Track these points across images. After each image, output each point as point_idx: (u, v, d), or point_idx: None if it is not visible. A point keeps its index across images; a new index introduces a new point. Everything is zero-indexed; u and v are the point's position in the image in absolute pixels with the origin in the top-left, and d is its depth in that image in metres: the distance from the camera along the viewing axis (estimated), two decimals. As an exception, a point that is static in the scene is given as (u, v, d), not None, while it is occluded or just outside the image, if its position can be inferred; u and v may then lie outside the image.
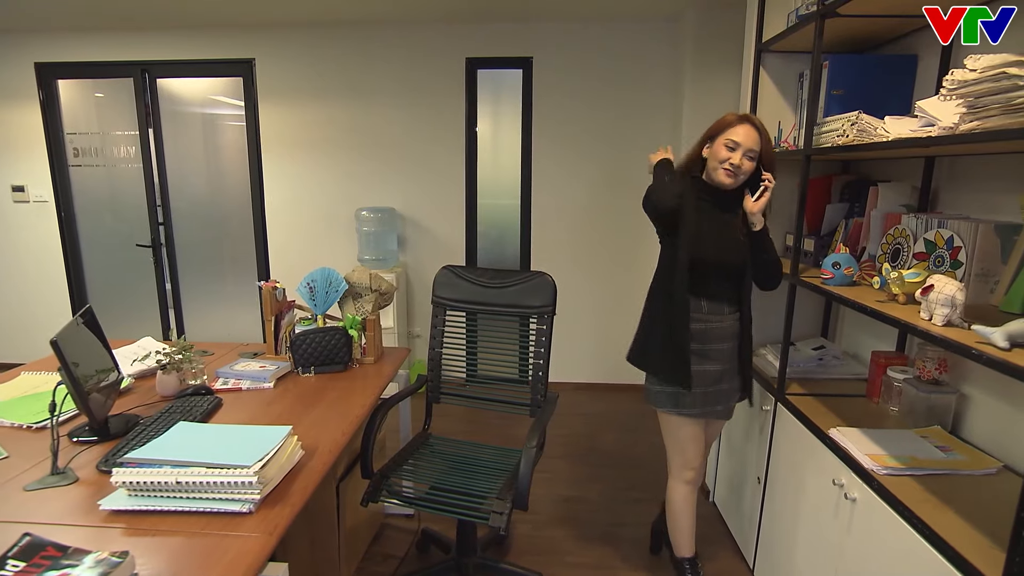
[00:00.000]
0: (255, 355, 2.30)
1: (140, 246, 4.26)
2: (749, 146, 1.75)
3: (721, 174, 1.78)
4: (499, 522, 1.71)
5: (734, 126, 1.77)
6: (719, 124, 1.81)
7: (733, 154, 1.75)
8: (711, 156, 1.81)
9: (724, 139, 1.77)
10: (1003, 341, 1.12)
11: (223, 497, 1.24)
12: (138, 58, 3.97)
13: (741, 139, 1.74)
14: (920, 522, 1.27)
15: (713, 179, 1.81)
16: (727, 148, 1.76)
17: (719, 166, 1.78)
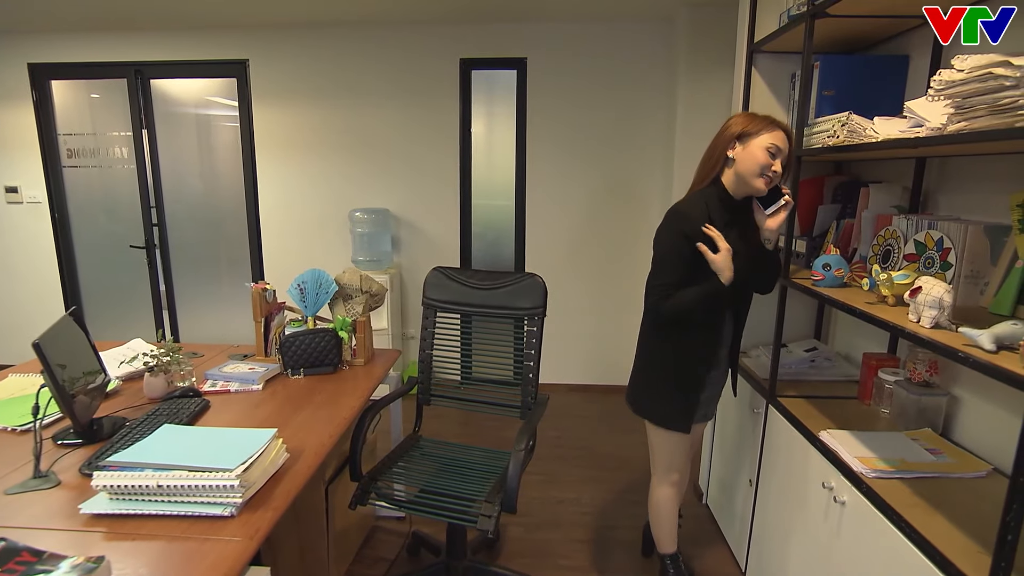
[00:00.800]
0: (245, 357, 2.29)
1: (134, 247, 4.25)
2: (786, 152, 1.63)
3: (761, 183, 1.63)
4: (487, 525, 1.70)
5: (772, 129, 1.62)
6: (752, 121, 1.65)
7: (775, 161, 1.61)
8: (745, 159, 1.64)
9: (766, 143, 1.61)
10: (990, 344, 1.11)
11: (205, 501, 1.23)
12: (132, 59, 3.96)
13: (782, 144, 1.62)
14: (908, 526, 1.26)
15: (747, 185, 1.66)
16: (769, 153, 1.61)
17: (759, 173, 1.62)
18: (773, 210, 1.66)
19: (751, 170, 1.63)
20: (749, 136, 1.63)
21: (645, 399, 1.89)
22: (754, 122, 1.64)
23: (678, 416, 1.83)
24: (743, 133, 1.64)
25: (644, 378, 1.89)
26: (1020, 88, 1.05)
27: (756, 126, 1.63)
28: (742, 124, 1.65)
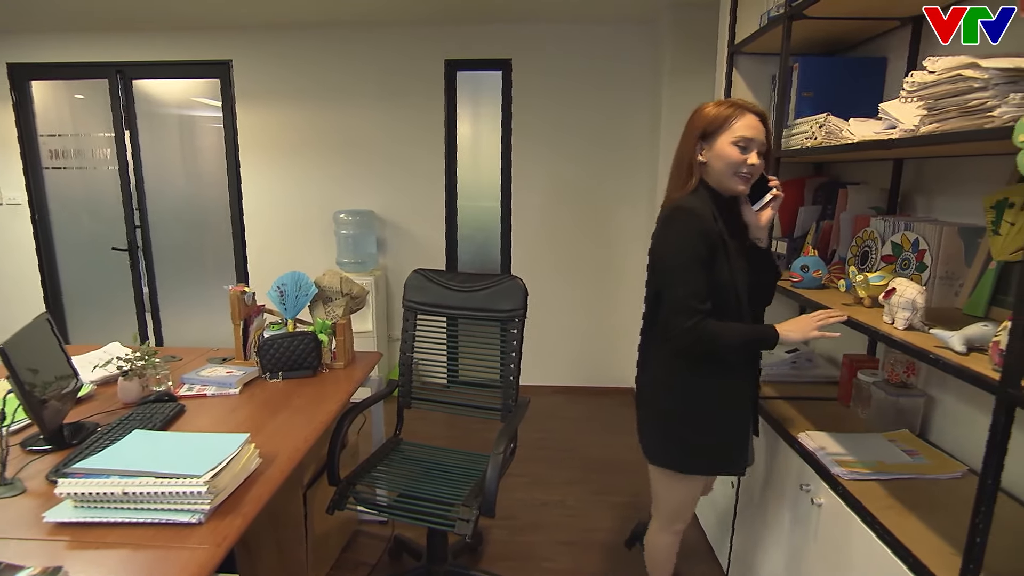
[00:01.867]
0: (224, 360, 2.26)
1: (116, 249, 4.20)
2: (761, 139, 1.42)
3: (738, 183, 1.44)
4: (465, 530, 1.68)
5: (736, 118, 1.40)
6: (712, 117, 1.43)
7: (748, 155, 1.41)
8: (716, 160, 1.43)
9: (731, 136, 1.40)
10: (960, 345, 1.11)
11: (172, 508, 1.21)
12: (113, 59, 3.91)
13: (752, 133, 1.40)
14: (882, 528, 1.26)
15: (724, 188, 1.47)
16: (739, 148, 1.40)
17: (732, 173, 1.43)
18: (761, 205, 1.48)
19: (723, 172, 1.43)
20: (712, 135, 1.43)
21: (661, 442, 1.60)
22: (716, 116, 1.42)
23: (697, 458, 1.57)
24: (705, 133, 1.44)
25: (663, 417, 1.58)
26: (988, 90, 1.05)
27: (718, 120, 1.41)
28: (703, 123, 1.44)
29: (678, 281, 1.41)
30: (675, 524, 1.73)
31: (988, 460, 0.96)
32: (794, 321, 1.46)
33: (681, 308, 1.40)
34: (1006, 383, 0.93)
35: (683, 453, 1.57)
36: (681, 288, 1.40)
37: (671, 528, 1.73)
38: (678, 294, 1.41)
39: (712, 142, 1.44)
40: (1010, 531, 1.23)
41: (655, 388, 1.59)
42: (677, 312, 1.41)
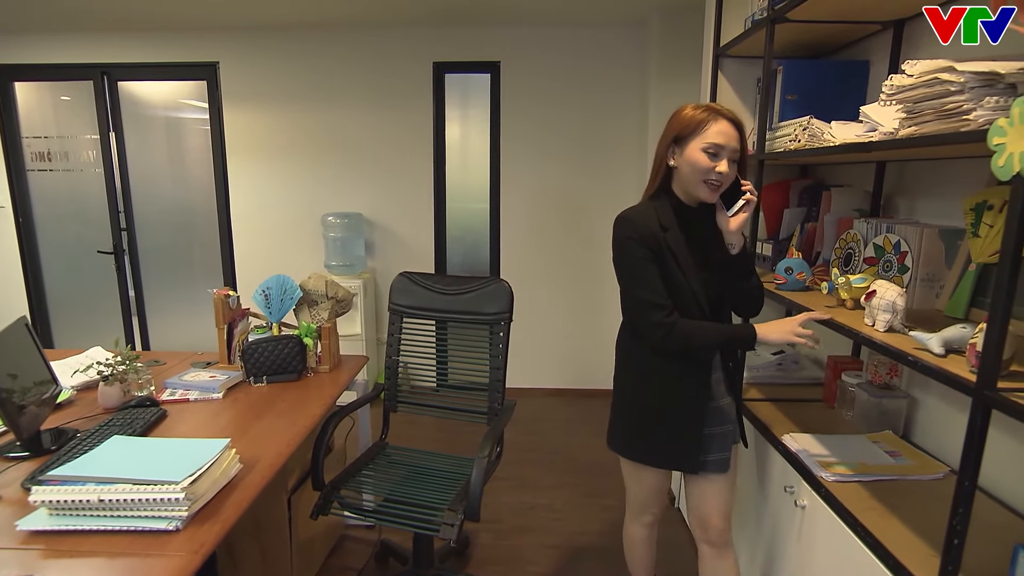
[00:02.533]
0: (208, 364, 2.24)
1: (101, 252, 4.16)
2: (733, 146, 1.39)
3: (704, 190, 1.41)
4: (449, 534, 1.67)
5: (708, 124, 1.38)
6: (686, 122, 1.40)
7: (718, 162, 1.38)
8: (685, 165, 1.42)
9: (701, 143, 1.38)
10: (938, 347, 1.12)
11: (148, 515, 1.19)
12: (98, 60, 3.88)
13: (724, 140, 1.37)
14: (863, 530, 1.27)
15: (691, 195, 1.46)
16: (708, 155, 1.38)
17: (700, 180, 1.40)
18: (735, 210, 1.44)
19: (690, 179, 1.42)
20: (684, 140, 1.41)
21: (615, 429, 1.65)
22: (690, 120, 1.40)
23: (648, 450, 1.58)
24: (678, 137, 1.42)
25: (617, 406, 1.65)
26: (964, 93, 1.05)
27: (691, 125, 1.39)
28: (676, 127, 1.42)
29: (633, 284, 1.46)
30: (643, 515, 1.75)
31: (965, 462, 0.96)
32: (775, 322, 1.46)
33: (645, 306, 1.44)
34: (982, 385, 0.94)
35: (631, 442, 1.61)
36: (639, 289, 1.45)
37: (639, 519, 1.76)
38: (638, 295, 1.46)
39: (684, 146, 1.42)
40: (991, 531, 1.24)
41: (615, 378, 1.66)
42: (642, 311, 1.45)
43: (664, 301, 1.43)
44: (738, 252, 1.49)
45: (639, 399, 1.58)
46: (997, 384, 0.93)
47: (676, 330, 1.41)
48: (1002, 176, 0.90)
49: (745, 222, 1.46)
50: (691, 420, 1.52)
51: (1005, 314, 0.90)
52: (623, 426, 1.63)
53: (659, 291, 1.43)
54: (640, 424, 1.58)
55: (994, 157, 0.91)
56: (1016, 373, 1.01)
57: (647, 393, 1.56)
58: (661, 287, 1.43)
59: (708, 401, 1.53)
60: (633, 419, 1.60)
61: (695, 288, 1.46)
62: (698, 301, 1.46)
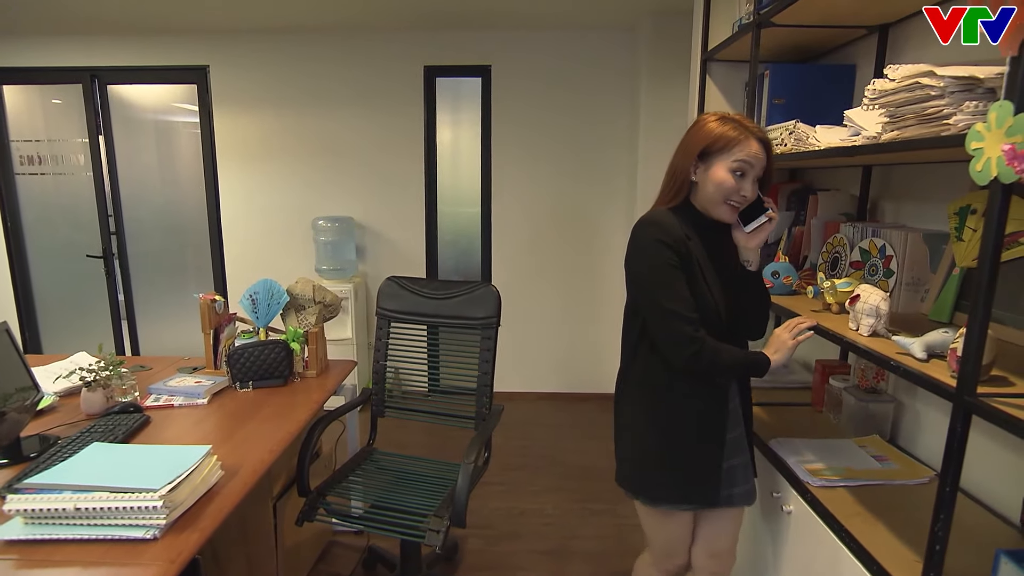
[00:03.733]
0: (195, 370, 2.23)
1: (91, 257, 4.13)
2: (759, 169, 1.33)
3: (726, 211, 1.34)
4: (435, 541, 1.66)
5: (740, 143, 1.30)
6: (715, 138, 1.32)
7: (744, 183, 1.32)
8: (709, 184, 1.33)
9: (729, 162, 1.31)
10: (921, 352, 1.11)
11: (125, 523, 1.18)
12: (87, 63, 3.86)
13: (752, 162, 1.31)
14: (848, 535, 1.26)
15: (709, 213, 1.38)
16: (735, 175, 1.31)
17: (723, 201, 1.33)
18: (754, 227, 1.37)
19: (712, 198, 1.34)
20: (710, 156, 1.33)
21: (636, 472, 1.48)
22: (719, 136, 1.32)
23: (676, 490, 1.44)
24: (705, 151, 1.34)
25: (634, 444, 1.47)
26: (945, 97, 1.05)
27: (722, 141, 1.31)
28: (703, 140, 1.34)
29: (660, 292, 1.32)
30: (666, 562, 1.57)
31: (946, 467, 0.96)
32: (773, 342, 1.41)
33: (673, 318, 1.30)
34: (962, 390, 0.93)
35: (656, 483, 1.45)
36: (665, 299, 1.31)
37: (661, 565, 1.58)
38: (665, 307, 1.31)
39: (709, 163, 1.34)
40: (975, 536, 1.24)
41: (625, 415, 1.50)
42: (669, 323, 1.31)
43: (693, 314, 1.31)
44: (755, 269, 1.42)
45: (663, 434, 1.42)
46: (977, 389, 0.93)
47: (706, 348, 1.30)
48: (980, 181, 0.89)
49: (764, 240, 1.39)
50: (718, 452, 1.42)
51: (984, 319, 0.90)
52: (643, 467, 1.46)
53: (688, 302, 1.31)
54: (664, 462, 1.43)
55: (972, 162, 0.91)
56: (997, 378, 1.01)
57: (672, 427, 1.41)
58: (690, 298, 1.32)
59: (728, 431, 1.44)
60: (656, 458, 1.44)
61: (719, 303, 1.36)
62: (720, 317, 1.36)
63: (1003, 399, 0.91)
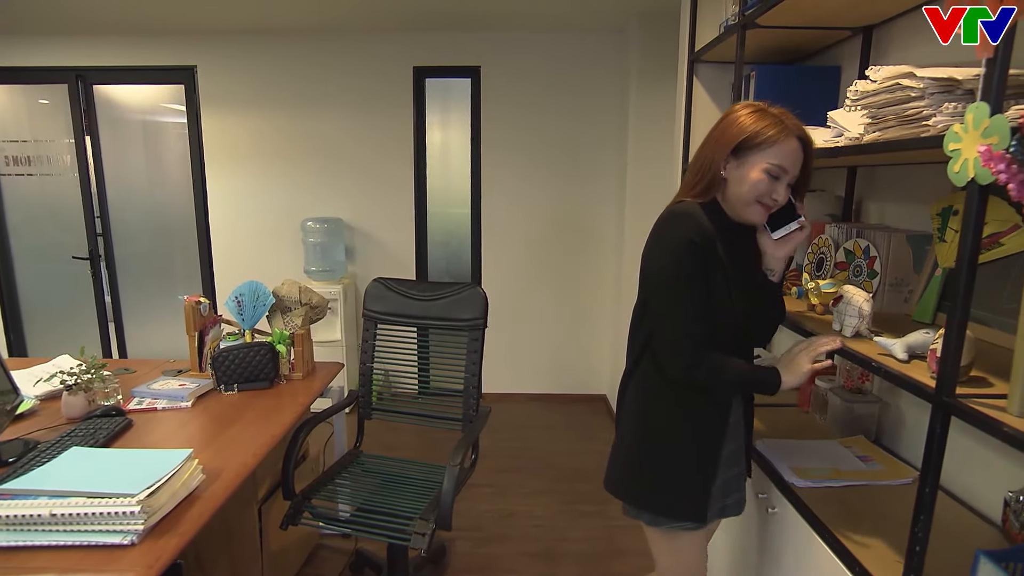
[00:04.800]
0: (179, 372, 2.21)
1: (77, 258, 4.09)
2: (796, 170, 1.23)
3: (756, 212, 1.24)
4: (420, 544, 1.65)
5: (781, 142, 1.19)
6: (753, 133, 1.20)
7: (778, 185, 1.21)
8: (740, 182, 1.23)
9: (765, 161, 1.20)
10: (902, 353, 1.12)
11: (102, 529, 1.16)
12: (73, 63, 3.82)
13: (790, 162, 1.21)
14: (831, 536, 1.26)
15: (736, 213, 1.27)
16: (770, 176, 1.20)
17: (754, 201, 1.23)
18: (783, 234, 1.27)
19: (743, 198, 1.23)
20: (748, 151, 1.21)
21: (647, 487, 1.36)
22: (757, 132, 1.20)
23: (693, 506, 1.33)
24: (741, 145, 1.21)
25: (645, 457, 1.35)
26: (924, 99, 1.06)
27: (759, 138, 1.20)
28: (738, 134, 1.22)
29: (671, 298, 1.23)
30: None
31: (926, 468, 0.96)
32: (789, 363, 1.27)
33: (675, 328, 1.22)
34: (941, 391, 0.93)
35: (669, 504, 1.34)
36: (675, 306, 1.22)
37: None
38: (673, 313, 1.22)
39: (743, 159, 1.22)
40: (957, 536, 1.24)
41: (632, 430, 1.38)
42: (671, 333, 1.23)
43: (700, 328, 1.21)
44: (778, 279, 1.33)
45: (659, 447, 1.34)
46: (956, 390, 0.93)
47: (706, 361, 1.21)
48: (958, 182, 0.90)
49: (793, 250, 1.29)
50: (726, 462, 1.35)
51: (962, 320, 0.90)
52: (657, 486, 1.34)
53: (699, 314, 1.21)
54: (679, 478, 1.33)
55: (950, 163, 0.91)
56: (976, 378, 1.01)
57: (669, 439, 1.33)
58: (702, 309, 1.21)
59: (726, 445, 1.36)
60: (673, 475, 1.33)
61: (739, 308, 1.26)
62: (738, 325, 1.27)
63: (981, 400, 0.91)
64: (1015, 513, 1.19)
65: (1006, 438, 0.81)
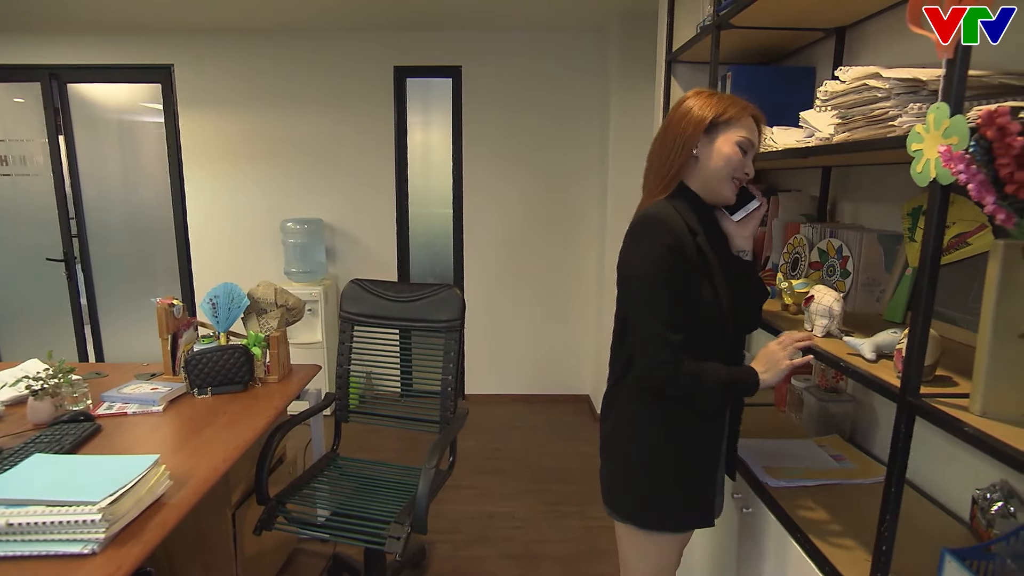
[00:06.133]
0: (152, 376, 2.17)
1: (51, 260, 4.02)
2: (757, 149, 1.26)
3: (731, 188, 1.25)
4: (395, 548, 1.63)
5: (743, 118, 1.22)
6: (724, 109, 1.22)
7: (747, 159, 1.24)
8: (715, 157, 1.22)
9: (736, 135, 1.21)
10: (870, 353, 1.12)
11: (62, 538, 1.13)
12: (46, 61, 3.75)
13: (755, 138, 1.25)
14: (803, 536, 1.26)
15: (711, 193, 1.26)
16: (741, 149, 1.22)
17: (730, 176, 1.23)
18: (743, 216, 1.30)
19: (719, 173, 1.22)
20: (718, 128, 1.22)
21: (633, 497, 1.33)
22: (724, 106, 1.22)
23: (680, 514, 1.32)
24: (714, 122, 1.21)
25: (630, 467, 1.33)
26: (891, 99, 1.06)
27: (728, 113, 1.21)
28: (712, 108, 1.22)
29: (648, 308, 1.19)
30: None
31: (891, 468, 0.96)
32: (764, 358, 1.26)
33: (651, 338, 1.18)
34: (905, 391, 0.93)
35: (649, 505, 1.31)
36: (652, 316, 1.18)
37: None
38: (649, 323, 1.18)
39: (714, 136, 1.22)
40: (927, 534, 1.24)
41: (618, 432, 1.35)
42: (647, 343, 1.19)
43: (676, 336, 1.17)
44: (750, 259, 1.33)
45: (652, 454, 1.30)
46: (921, 389, 0.93)
47: (682, 370, 1.17)
48: (920, 182, 0.90)
49: (756, 228, 1.32)
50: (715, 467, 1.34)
51: (926, 320, 0.90)
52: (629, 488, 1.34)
53: (673, 321, 1.17)
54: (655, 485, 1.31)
55: (913, 163, 0.91)
56: (942, 378, 1.01)
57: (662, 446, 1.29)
58: (678, 316, 1.18)
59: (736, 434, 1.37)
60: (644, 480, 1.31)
61: (725, 304, 1.24)
62: (724, 315, 1.24)
63: (945, 399, 0.91)
64: (982, 511, 1.19)
65: (967, 438, 0.81)
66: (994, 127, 0.74)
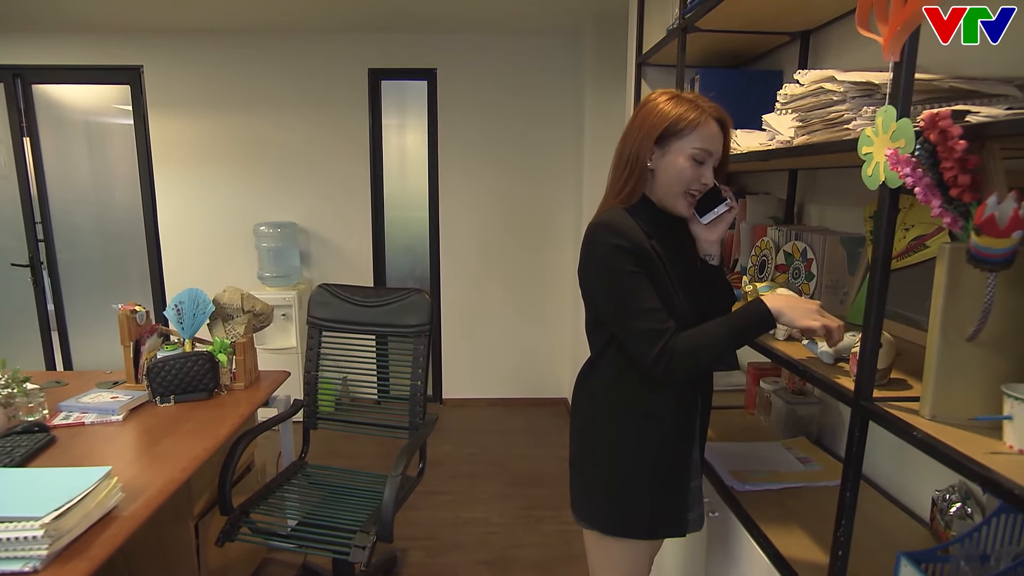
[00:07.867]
0: (115, 384, 2.12)
1: (16, 265, 3.92)
2: (720, 152, 1.22)
3: (684, 204, 1.21)
4: (360, 557, 1.61)
5: (699, 125, 1.17)
6: (673, 119, 1.17)
7: (704, 170, 1.19)
8: (665, 171, 1.19)
9: (688, 147, 1.17)
10: (828, 357, 1.12)
11: (1, 556, 1.09)
12: (9, 61, 3.67)
13: (713, 145, 1.19)
14: (765, 540, 1.26)
15: (664, 205, 1.23)
16: (695, 162, 1.18)
17: (682, 192, 1.20)
18: (712, 218, 1.25)
19: (671, 189, 1.20)
20: (671, 138, 1.18)
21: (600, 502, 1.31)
22: (678, 119, 1.17)
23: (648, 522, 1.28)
24: (665, 133, 1.18)
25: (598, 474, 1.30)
26: (846, 103, 1.06)
27: (681, 123, 1.17)
28: (659, 123, 1.18)
29: (620, 310, 1.17)
30: None
31: (846, 473, 0.96)
32: (786, 297, 1.17)
33: (635, 339, 1.16)
34: (858, 395, 0.93)
35: (617, 511, 1.29)
36: (625, 317, 1.16)
37: None
38: (625, 324, 1.17)
39: (666, 149, 1.19)
40: (887, 536, 1.25)
41: (586, 438, 1.34)
42: (634, 344, 1.16)
43: (663, 325, 1.14)
44: (718, 263, 1.31)
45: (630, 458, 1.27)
46: (874, 393, 0.93)
47: (677, 353, 1.12)
48: (871, 185, 0.90)
49: (724, 231, 1.28)
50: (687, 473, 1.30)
51: (878, 323, 0.90)
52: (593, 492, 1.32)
53: (657, 312, 1.15)
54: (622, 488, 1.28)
55: (863, 166, 0.91)
56: (897, 381, 1.01)
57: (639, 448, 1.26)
58: (659, 305, 1.15)
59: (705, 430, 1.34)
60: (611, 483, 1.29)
61: (686, 307, 1.21)
62: (688, 321, 1.20)
63: (898, 403, 0.91)
64: (941, 512, 1.20)
65: (916, 442, 0.81)
66: (936, 130, 0.74)
